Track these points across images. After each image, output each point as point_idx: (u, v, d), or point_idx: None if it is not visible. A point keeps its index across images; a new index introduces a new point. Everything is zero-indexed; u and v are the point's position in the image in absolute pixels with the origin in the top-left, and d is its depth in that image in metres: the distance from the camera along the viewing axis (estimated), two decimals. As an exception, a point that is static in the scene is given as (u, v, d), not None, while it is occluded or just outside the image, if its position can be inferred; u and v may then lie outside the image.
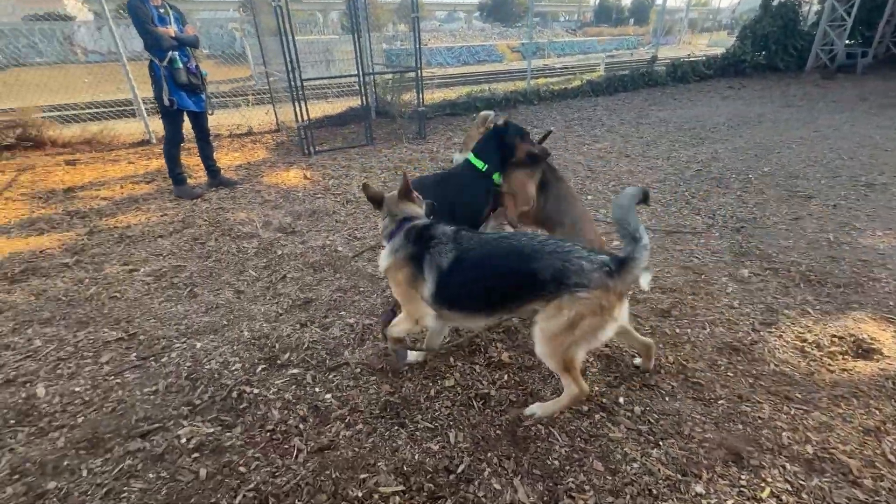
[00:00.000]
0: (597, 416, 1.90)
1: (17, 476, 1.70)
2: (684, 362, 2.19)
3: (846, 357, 2.19)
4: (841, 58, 11.14)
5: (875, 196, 4.06)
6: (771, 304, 2.63)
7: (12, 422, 1.95)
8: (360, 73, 6.37)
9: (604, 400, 1.98)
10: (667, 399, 1.99)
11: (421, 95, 6.86)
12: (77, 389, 2.11)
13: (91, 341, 2.46)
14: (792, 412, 1.89)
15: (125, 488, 1.65)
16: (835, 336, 2.31)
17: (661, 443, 1.77)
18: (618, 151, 5.88)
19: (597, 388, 2.04)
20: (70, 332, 2.54)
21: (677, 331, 2.43)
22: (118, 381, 2.18)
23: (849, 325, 2.39)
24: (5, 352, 2.39)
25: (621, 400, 1.98)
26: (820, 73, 11.06)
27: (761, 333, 2.39)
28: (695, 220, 3.79)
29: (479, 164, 2.46)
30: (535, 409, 1.89)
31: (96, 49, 18.72)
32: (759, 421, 1.86)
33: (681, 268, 3.06)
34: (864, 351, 2.21)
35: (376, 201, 2.02)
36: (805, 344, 2.29)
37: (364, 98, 6.67)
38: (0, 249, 3.59)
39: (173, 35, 4.13)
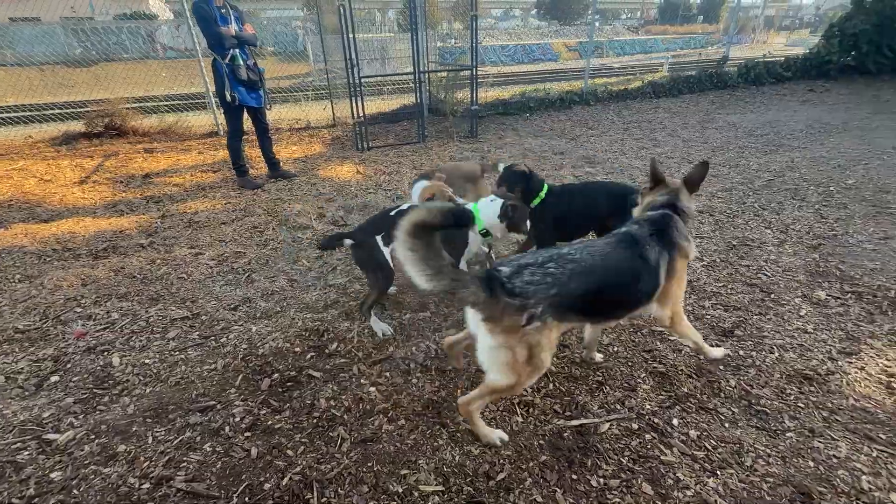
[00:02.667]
0: (647, 437, 1.81)
1: (93, 436, 1.86)
2: (748, 387, 2.04)
3: (943, 398, 1.95)
4: (947, 59, 9.92)
5: (985, 217, 3.58)
6: (852, 331, 2.38)
7: (90, 385, 2.14)
8: (416, 70, 6.44)
9: (656, 420, 1.88)
10: (727, 425, 1.85)
11: (475, 94, 6.83)
12: (147, 361, 2.29)
13: (160, 317, 2.66)
14: (874, 454, 1.70)
15: (184, 458, 1.76)
16: (930, 373, 2.06)
17: (718, 472, 1.65)
18: (679, 157, 5.57)
19: (648, 407, 1.94)
20: (143, 308, 2.76)
21: (740, 353, 2.26)
22: (182, 356, 2.33)
23: (948, 363, 2.12)
24: (88, 321, 2.63)
25: (675, 422, 1.87)
26: (920, 77, 9.91)
27: (839, 363, 2.17)
28: (764, 233, 3.51)
29: None
30: None
31: (174, 46, 20.21)
32: (834, 460, 1.68)
33: (746, 284, 2.85)
34: (967, 393, 1.95)
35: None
36: (892, 379, 2.05)
37: (418, 96, 6.74)
38: (87, 228, 3.97)
39: (234, 34, 4.37)
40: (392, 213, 2.43)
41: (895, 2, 10.40)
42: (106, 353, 2.36)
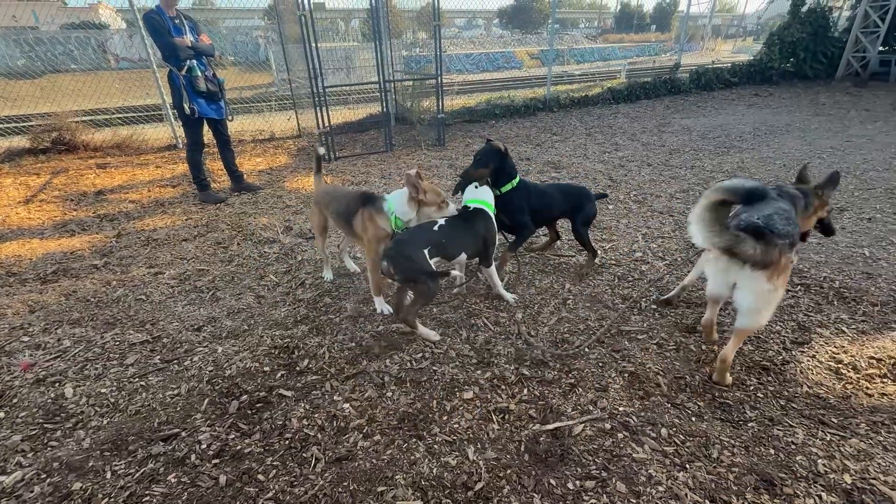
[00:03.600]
0: (620, 436, 1.85)
1: (44, 475, 1.73)
2: (711, 381, 2.12)
3: (885, 380, 2.09)
4: (874, 65, 10.78)
5: (913, 210, 3.89)
6: (803, 321, 2.53)
7: (40, 420, 2.00)
8: (381, 79, 6.43)
9: (627, 419, 1.92)
10: (693, 419, 1.92)
11: (441, 102, 6.88)
12: (103, 391, 2.16)
13: (117, 343, 2.52)
14: (828, 438, 1.80)
15: (147, 492, 1.66)
16: (873, 358, 2.21)
17: (687, 466, 1.71)
18: (639, 160, 5.79)
19: (622, 409, 1.99)
20: (98, 333, 2.60)
21: (703, 348, 2.35)
22: (142, 383, 2.21)
23: (888, 347, 2.28)
24: (36, 351, 2.46)
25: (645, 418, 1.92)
26: (851, 81, 10.73)
27: (793, 353, 2.29)
28: (721, 232, 3.68)
29: None
30: None
31: (127, 56, 19.41)
32: (793, 446, 1.78)
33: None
34: (905, 375, 2.10)
35: None
36: (840, 365, 2.19)
37: (384, 105, 6.73)
38: (34, 250, 3.73)
39: (189, 45, 4.25)
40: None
41: (827, 11, 11.26)
42: (57, 385, 2.21)
